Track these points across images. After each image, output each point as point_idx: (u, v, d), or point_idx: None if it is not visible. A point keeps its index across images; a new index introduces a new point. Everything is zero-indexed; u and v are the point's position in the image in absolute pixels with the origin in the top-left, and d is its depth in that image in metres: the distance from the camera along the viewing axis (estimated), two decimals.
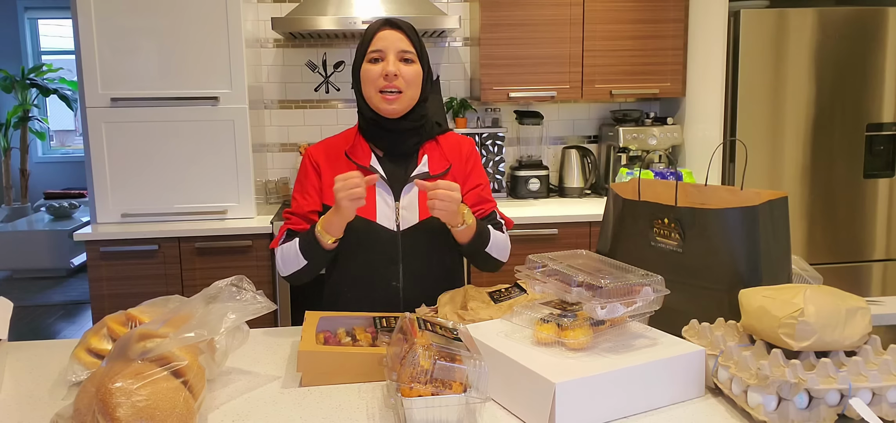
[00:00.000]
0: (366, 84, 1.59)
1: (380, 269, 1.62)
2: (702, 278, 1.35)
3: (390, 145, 1.64)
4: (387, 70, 1.55)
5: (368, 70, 1.58)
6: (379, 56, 1.57)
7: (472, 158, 1.72)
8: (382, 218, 1.61)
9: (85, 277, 5.93)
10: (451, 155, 1.69)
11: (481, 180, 1.71)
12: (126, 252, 2.81)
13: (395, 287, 1.63)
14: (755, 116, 3.01)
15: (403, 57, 1.57)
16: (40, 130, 7.31)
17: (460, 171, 1.68)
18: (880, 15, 3.00)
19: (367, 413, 1.17)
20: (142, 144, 2.90)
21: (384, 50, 1.56)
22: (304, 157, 1.70)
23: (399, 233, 1.62)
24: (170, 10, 2.84)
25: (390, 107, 1.58)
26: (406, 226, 1.62)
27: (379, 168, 1.64)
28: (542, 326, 1.22)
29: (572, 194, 3.50)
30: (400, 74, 1.56)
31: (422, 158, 1.66)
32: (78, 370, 1.29)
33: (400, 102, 1.58)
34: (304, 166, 1.68)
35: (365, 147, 1.66)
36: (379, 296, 1.63)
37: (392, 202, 1.62)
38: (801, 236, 3.09)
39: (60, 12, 7.43)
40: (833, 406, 1.05)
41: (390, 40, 1.56)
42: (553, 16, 3.21)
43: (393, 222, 1.62)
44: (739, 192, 1.44)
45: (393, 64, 1.55)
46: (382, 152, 1.66)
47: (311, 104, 3.49)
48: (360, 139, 1.67)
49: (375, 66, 1.57)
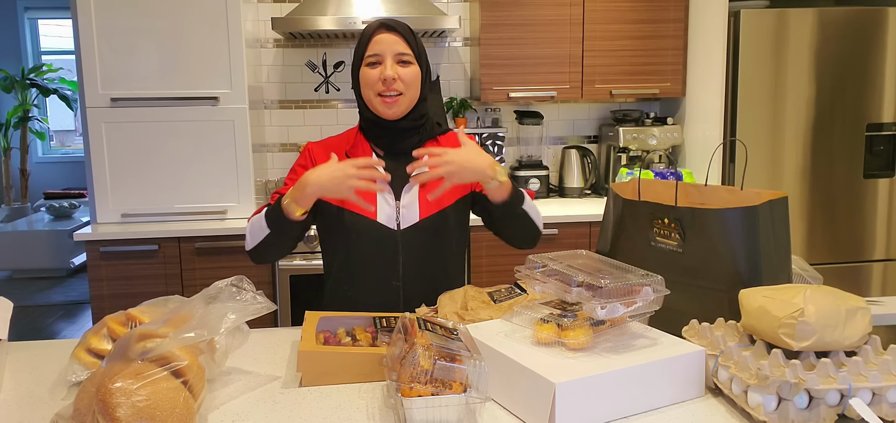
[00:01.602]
0: (365, 88, 1.59)
1: (380, 268, 1.62)
2: (702, 278, 1.35)
3: (391, 145, 1.64)
4: (385, 75, 1.54)
5: (367, 74, 1.58)
6: (377, 60, 1.56)
7: None
8: (383, 217, 1.61)
9: (85, 277, 5.93)
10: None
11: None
12: (126, 252, 2.81)
13: (396, 286, 1.63)
14: (755, 116, 3.02)
15: (401, 59, 1.57)
16: (40, 130, 7.31)
17: None
18: (880, 15, 3.00)
19: (367, 413, 1.17)
20: (142, 144, 2.90)
21: (381, 53, 1.56)
22: (304, 149, 1.70)
23: (399, 232, 1.62)
24: (170, 10, 2.84)
25: (390, 110, 1.58)
26: (406, 225, 1.62)
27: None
28: (542, 326, 1.22)
29: (572, 194, 3.50)
30: (398, 77, 1.56)
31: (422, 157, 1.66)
32: (78, 370, 1.28)
33: (399, 104, 1.58)
34: (303, 158, 1.68)
35: (366, 147, 1.66)
36: (379, 295, 1.63)
37: (393, 201, 1.62)
38: (801, 236, 3.09)
39: (60, 12, 7.43)
40: (833, 406, 1.05)
41: (387, 44, 1.56)
42: (553, 16, 3.21)
43: (393, 220, 1.62)
44: (739, 192, 1.44)
45: (390, 68, 1.55)
46: (383, 152, 1.66)
47: (311, 104, 3.49)
48: (360, 139, 1.67)
49: (373, 70, 1.57)
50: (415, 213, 1.62)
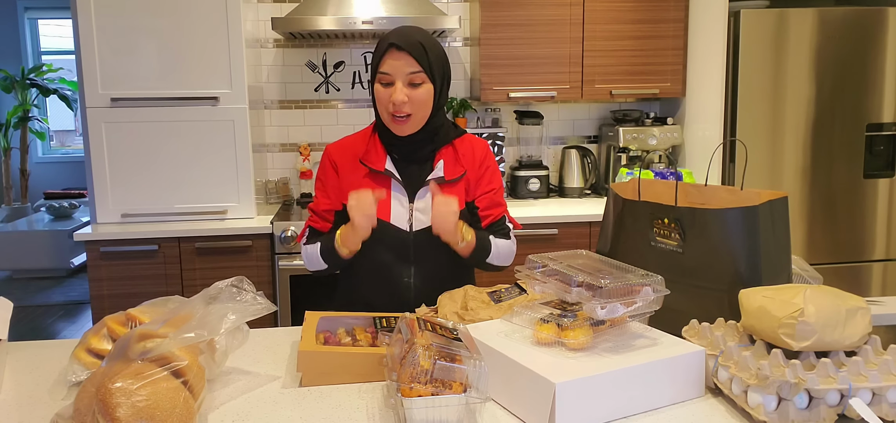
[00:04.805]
0: (378, 103, 1.61)
1: (393, 267, 1.65)
2: (702, 278, 1.35)
3: (405, 154, 1.67)
4: (394, 99, 1.55)
5: (379, 92, 1.59)
6: (388, 80, 1.57)
7: (487, 162, 1.73)
8: (396, 219, 1.64)
9: (85, 277, 5.93)
10: (466, 160, 1.70)
11: (495, 185, 1.73)
12: (126, 252, 2.81)
13: (408, 284, 1.66)
14: (755, 116, 3.02)
15: (411, 81, 1.57)
16: (40, 130, 7.30)
17: (474, 175, 1.70)
18: (880, 15, 3.00)
19: (367, 413, 1.17)
20: (142, 144, 2.90)
21: (392, 74, 1.56)
22: (324, 155, 1.73)
23: (412, 234, 1.64)
24: (170, 10, 2.84)
25: (401, 130, 1.61)
26: (419, 227, 1.64)
27: (394, 171, 1.65)
28: (542, 326, 1.22)
29: (572, 194, 3.50)
30: (409, 99, 1.56)
31: (437, 162, 1.67)
32: (78, 370, 1.29)
33: (410, 124, 1.60)
34: (324, 165, 1.72)
35: (380, 150, 1.67)
36: (392, 293, 1.66)
37: (406, 203, 1.65)
38: (801, 236, 3.09)
39: (60, 12, 7.43)
40: (833, 406, 1.05)
41: (397, 66, 1.56)
42: (553, 16, 3.21)
43: (406, 222, 1.64)
44: (739, 192, 1.44)
45: (400, 91, 1.55)
46: (398, 156, 1.67)
47: (311, 104, 3.49)
48: (375, 141, 1.69)
49: (386, 90, 1.58)
50: (428, 216, 1.63)
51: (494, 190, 1.72)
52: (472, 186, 1.69)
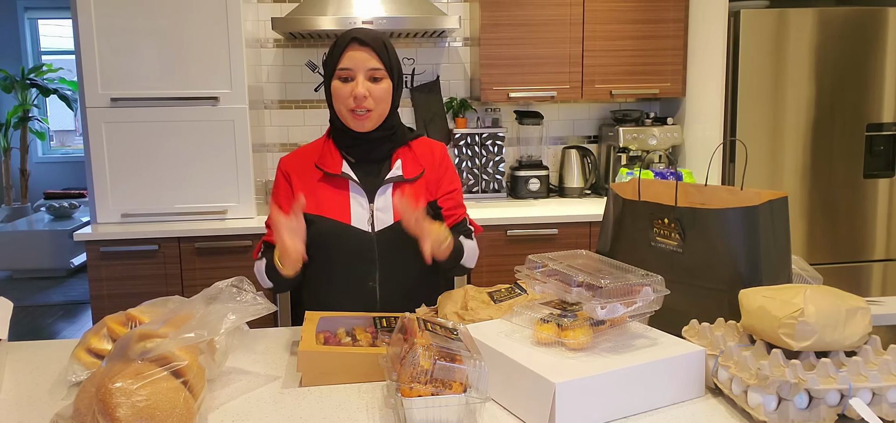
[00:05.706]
0: (336, 101, 1.60)
1: (356, 270, 1.63)
2: (702, 278, 1.35)
3: (362, 154, 1.66)
4: (356, 93, 1.55)
5: (338, 88, 1.58)
6: (348, 75, 1.57)
7: (444, 163, 1.73)
8: (357, 220, 1.62)
9: (85, 277, 5.93)
10: (424, 160, 1.70)
11: (455, 186, 1.73)
12: (126, 252, 2.81)
13: (372, 288, 1.63)
14: (755, 116, 3.02)
15: (372, 75, 1.57)
16: (40, 130, 7.31)
17: (434, 175, 1.70)
18: (880, 15, 3.00)
19: (367, 413, 1.17)
20: (142, 144, 2.90)
21: (353, 69, 1.56)
22: (277, 168, 1.72)
23: (374, 235, 1.63)
24: (170, 10, 2.84)
25: (360, 126, 1.60)
26: (381, 227, 1.63)
27: (351, 173, 1.64)
28: (542, 326, 1.22)
29: (572, 195, 3.50)
30: (369, 94, 1.56)
31: (395, 162, 1.67)
32: (78, 370, 1.29)
33: (370, 119, 1.59)
34: (277, 178, 1.72)
35: (336, 155, 1.67)
36: (356, 297, 1.63)
37: (366, 204, 1.63)
38: (801, 236, 3.09)
39: (60, 12, 7.43)
40: (833, 406, 1.05)
41: (358, 60, 1.56)
42: (553, 16, 3.21)
43: (367, 223, 1.63)
44: (739, 192, 1.44)
45: (361, 85, 1.55)
46: (354, 159, 1.66)
47: (311, 104, 3.49)
48: (329, 146, 1.68)
49: (345, 85, 1.57)
50: (389, 215, 1.63)
51: (456, 190, 1.73)
52: (433, 186, 1.69)
